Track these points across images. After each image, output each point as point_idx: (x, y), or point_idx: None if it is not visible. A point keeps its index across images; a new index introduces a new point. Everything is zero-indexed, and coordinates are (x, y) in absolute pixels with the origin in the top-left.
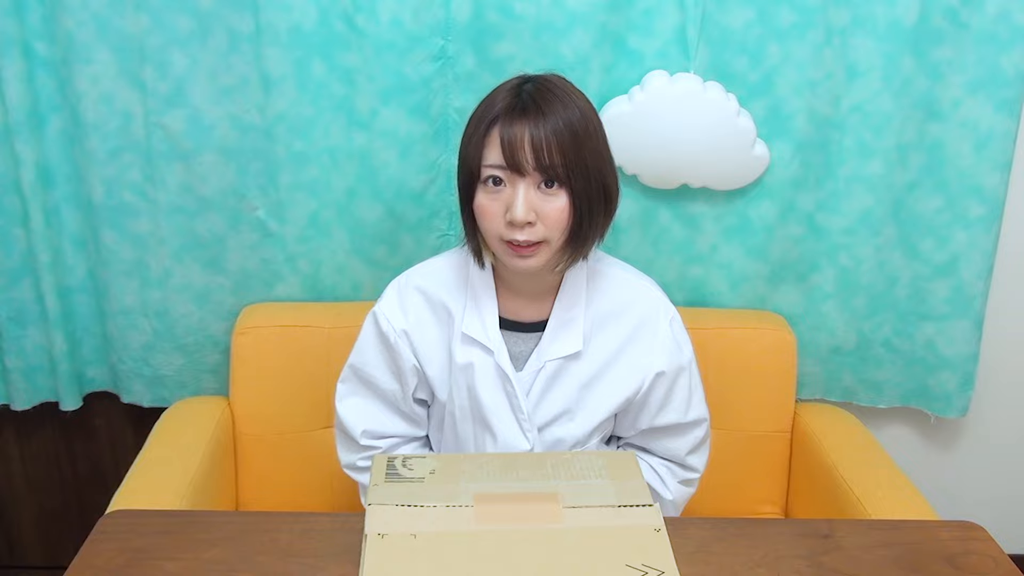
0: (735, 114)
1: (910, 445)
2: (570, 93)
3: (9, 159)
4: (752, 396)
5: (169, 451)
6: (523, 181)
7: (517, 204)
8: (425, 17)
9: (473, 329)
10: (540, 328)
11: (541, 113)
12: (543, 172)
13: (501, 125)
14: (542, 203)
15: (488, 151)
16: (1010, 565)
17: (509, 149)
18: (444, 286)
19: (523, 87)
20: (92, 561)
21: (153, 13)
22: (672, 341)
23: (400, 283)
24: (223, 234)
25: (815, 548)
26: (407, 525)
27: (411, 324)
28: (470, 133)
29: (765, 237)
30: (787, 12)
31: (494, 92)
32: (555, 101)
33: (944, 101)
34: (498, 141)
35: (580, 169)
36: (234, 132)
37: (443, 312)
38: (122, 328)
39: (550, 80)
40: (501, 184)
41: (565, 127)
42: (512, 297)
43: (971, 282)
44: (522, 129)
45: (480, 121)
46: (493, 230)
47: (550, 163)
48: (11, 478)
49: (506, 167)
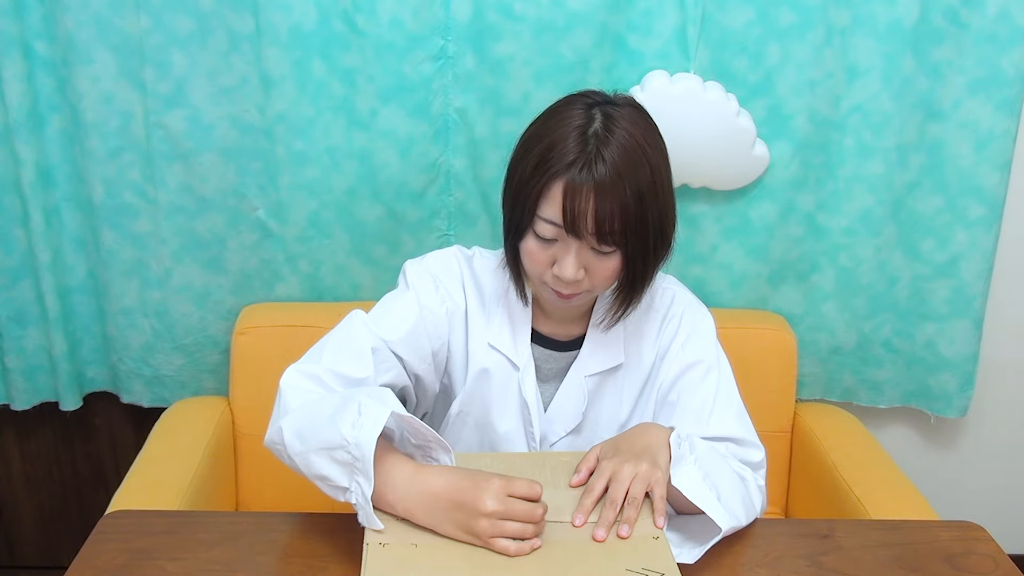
0: (735, 114)
1: (910, 445)
2: (643, 143)
3: (9, 159)
4: (752, 396)
5: (169, 451)
6: (577, 243)
7: (568, 264)
8: (425, 17)
9: (501, 342)
10: (574, 347)
11: (608, 179)
12: (600, 238)
13: (565, 184)
14: (594, 261)
15: (547, 204)
16: (1010, 565)
17: (571, 215)
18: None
19: (591, 131)
20: (92, 561)
21: (153, 13)
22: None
23: (463, 254)
24: (223, 234)
25: (815, 548)
26: (408, 535)
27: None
28: (526, 173)
29: (765, 237)
30: (787, 12)
31: (559, 125)
32: (625, 160)
33: (944, 101)
34: (560, 199)
35: (640, 232)
36: (234, 132)
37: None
38: (122, 328)
39: (622, 124)
40: (554, 240)
41: (632, 196)
42: (546, 314)
43: (971, 282)
44: (587, 197)
45: (540, 166)
46: (537, 273)
47: (610, 230)
48: (11, 478)
49: (563, 227)
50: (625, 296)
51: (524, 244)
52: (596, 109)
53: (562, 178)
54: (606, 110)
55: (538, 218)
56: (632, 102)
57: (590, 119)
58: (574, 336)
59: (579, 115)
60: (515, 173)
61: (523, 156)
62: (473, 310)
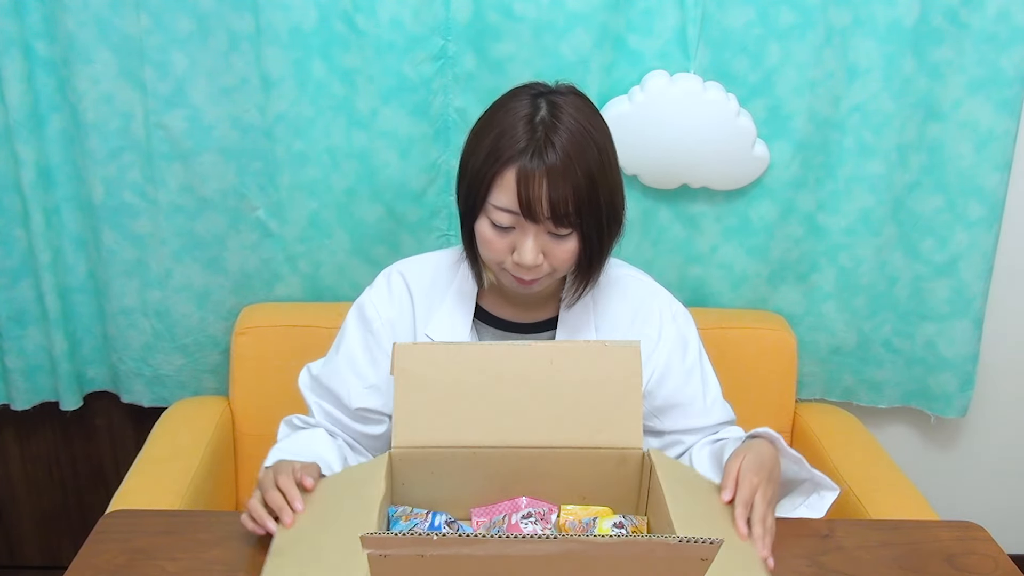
0: (735, 114)
1: (910, 445)
2: (588, 127)
3: (9, 159)
4: (752, 396)
5: (169, 451)
6: (535, 227)
7: (526, 250)
8: (425, 17)
9: (437, 331)
10: (545, 328)
11: (559, 163)
12: (557, 221)
13: (518, 171)
14: (551, 245)
15: (500, 192)
16: (1010, 565)
17: (526, 200)
18: (428, 281)
19: (538, 119)
20: (92, 561)
21: (153, 13)
22: (676, 333)
23: (389, 274)
24: (223, 234)
25: (815, 548)
26: (412, 547)
27: (397, 314)
28: (478, 162)
29: (765, 237)
30: (787, 12)
31: (507, 115)
32: (574, 144)
33: (944, 101)
34: (513, 187)
35: (594, 211)
36: (234, 132)
37: (420, 307)
38: (122, 328)
39: (567, 110)
40: (511, 228)
41: (584, 177)
42: (510, 300)
43: (971, 282)
44: (540, 182)
45: (491, 156)
46: (497, 261)
47: (565, 212)
48: (11, 478)
49: (520, 214)
50: (583, 275)
51: (480, 233)
52: (541, 99)
53: (514, 165)
54: (551, 99)
55: (493, 207)
56: (574, 90)
57: (536, 108)
58: (540, 319)
59: (525, 105)
60: (467, 165)
61: (474, 148)
62: (420, 310)
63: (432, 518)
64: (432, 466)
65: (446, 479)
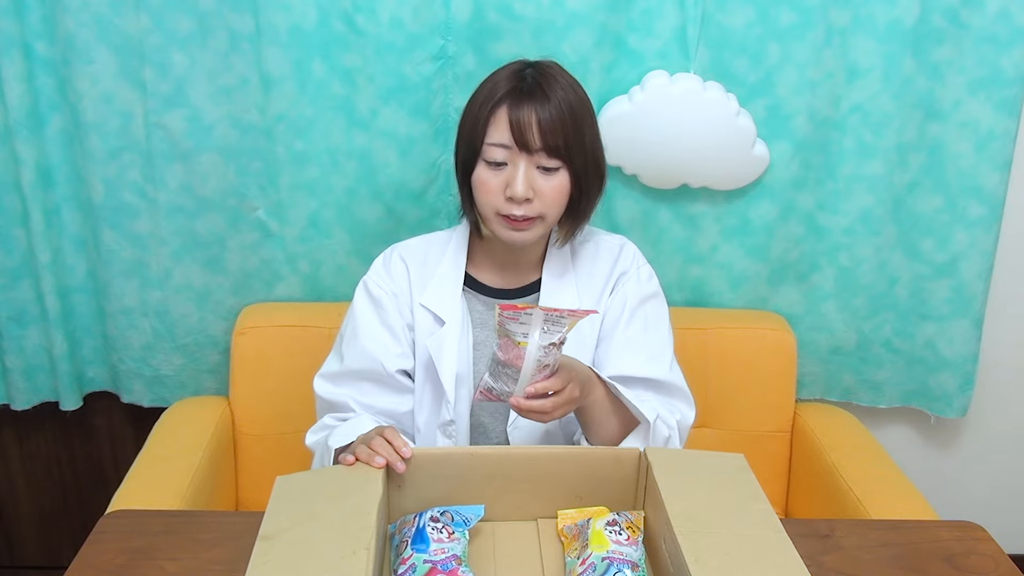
0: (735, 114)
1: (910, 445)
2: (571, 81)
3: (9, 159)
4: (752, 396)
5: (169, 451)
6: (526, 160)
7: (518, 181)
8: (425, 17)
9: (432, 300)
10: (530, 291)
11: (546, 96)
12: (548, 151)
13: (509, 106)
14: (542, 182)
15: (494, 130)
16: (1010, 565)
17: (518, 129)
18: (421, 256)
19: (525, 71)
20: (92, 561)
21: (153, 13)
22: (637, 280)
23: (385, 254)
24: (223, 234)
25: (815, 548)
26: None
27: (399, 288)
28: (474, 112)
29: (765, 237)
30: (787, 12)
31: (495, 75)
32: (557, 86)
33: (944, 101)
34: (506, 121)
35: (580, 148)
36: (234, 132)
37: (416, 279)
38: (122, 328)
39: (549, 66)
40: (504, 164)
41: (568, 109)
42: (498, 268)
43: (971, 282)
44: (530, 110)
45: (485, 101)
46: (491, 203)
47: (555, 142)
48: (11, 478)
49: (513, 146)
50: (573, 221)
51: (477, 176)
52: (527, 67)
53: (505, 103)
54: (535, 65)
55: (488, 146)
56: (557, 64)
57: (523, 66)
58: (525, 284)
59: (513, 67)
60: (464, 123)
61: (468, 110)
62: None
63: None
64: (430, 466)
65: (444, 480)
